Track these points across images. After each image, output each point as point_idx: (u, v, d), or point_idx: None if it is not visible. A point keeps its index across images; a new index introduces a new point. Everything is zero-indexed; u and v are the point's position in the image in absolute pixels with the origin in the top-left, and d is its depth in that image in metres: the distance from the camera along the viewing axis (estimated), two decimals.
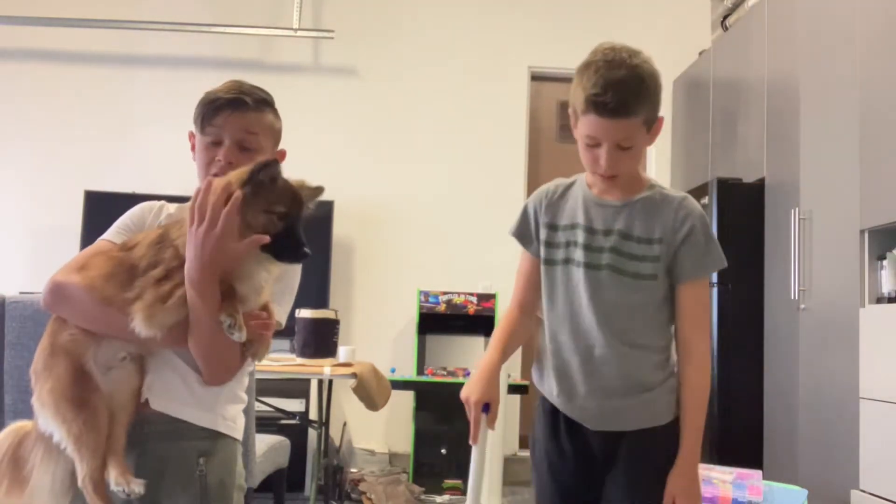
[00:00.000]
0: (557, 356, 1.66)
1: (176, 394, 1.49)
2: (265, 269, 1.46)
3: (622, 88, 1.51)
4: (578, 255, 1.63)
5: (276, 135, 1.64)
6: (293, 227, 1.41)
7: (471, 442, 1.60)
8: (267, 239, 1.39)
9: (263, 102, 1.60)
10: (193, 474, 1.48)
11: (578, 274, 1.63)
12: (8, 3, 5.10)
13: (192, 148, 1.64)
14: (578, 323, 1.63)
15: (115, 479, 1.38)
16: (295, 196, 1.43)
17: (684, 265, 1.61)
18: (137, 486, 1.39)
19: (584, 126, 1.57)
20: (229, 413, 1.58)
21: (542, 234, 1.69)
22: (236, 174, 1.41)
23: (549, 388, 1.70)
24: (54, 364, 1.42)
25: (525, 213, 1.74)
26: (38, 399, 1.42)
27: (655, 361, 1.64)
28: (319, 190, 1.50)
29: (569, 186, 1.72)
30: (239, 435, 1.61)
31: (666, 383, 1.64)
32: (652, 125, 1.60)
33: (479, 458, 1.59)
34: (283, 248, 1.42)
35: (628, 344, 1.61)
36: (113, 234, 1.58)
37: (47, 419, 1.41)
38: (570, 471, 1.68)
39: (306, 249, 1.42)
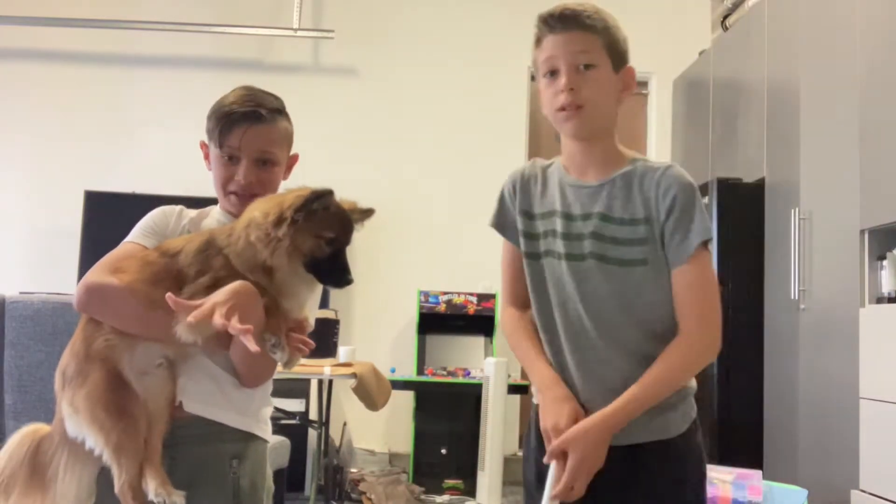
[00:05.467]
0: (552, 358, 1.51)
1: (211, 397, 1.49)
2: (309, 287, 1.48)
3: (574, 6, 1.45)
4: (558, 246, 1.48)
5: (290, 140, 1.63)
6: (340, 252, 1.42)
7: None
8: None
9: (277, 111, 1.59)
10: (227, 477, 1.49)
11: (561, 267, 1.47)
12: (8, 3, 5.09)
13: (206, 157, 1.62)
14: (570, 321, 1.47)
15: (155, 490, 1.36)
16: (345, 222, 1.44)
17: (671, 247, 1.44)
18: (178, 498, 1.37)
19: (542, 54, 1.46)
20: (263, 415, 1.58)
21: (519, 223, 1.55)
22: (290, 200, 1.38)
23: None
24: (90, 370, 1.39)
25: (502, 199, 1.59)
26: (71, 404, 1.39)
27: None
28: (370, 212, 1.50)
29: (546, 167, 1.57)
30: (269, 437, 1.60)
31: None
32: (619, 63, 1.47)
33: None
34: (328, 272, 1.43)
35: (626, 342, 1.45)
36: (139, 236, 1.56)
37: (81, 425, 1.38)
38: None
39: (350, 276, 1.43)
